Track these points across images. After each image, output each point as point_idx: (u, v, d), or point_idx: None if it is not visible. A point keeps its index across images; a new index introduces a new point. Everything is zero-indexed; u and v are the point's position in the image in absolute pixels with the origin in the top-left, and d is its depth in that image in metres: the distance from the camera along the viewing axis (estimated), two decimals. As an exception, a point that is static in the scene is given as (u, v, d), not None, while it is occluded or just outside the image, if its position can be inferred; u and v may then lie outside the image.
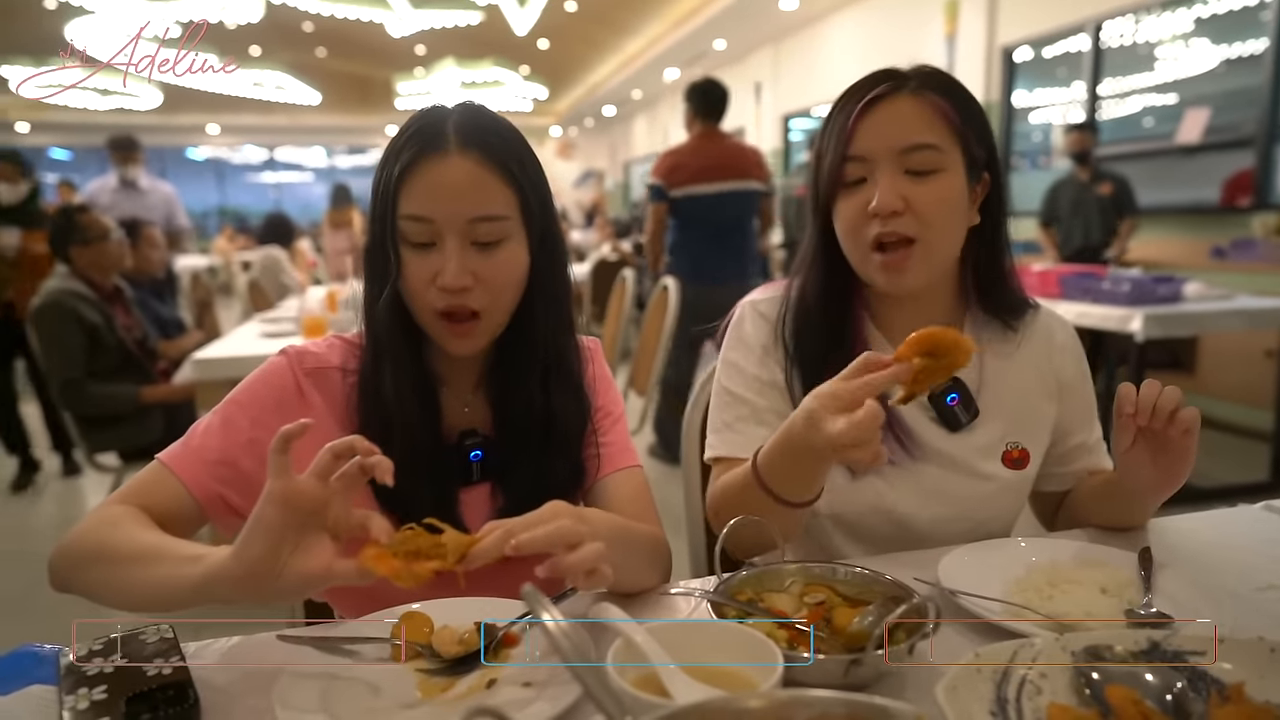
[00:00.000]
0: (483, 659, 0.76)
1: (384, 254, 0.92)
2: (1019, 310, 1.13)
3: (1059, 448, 1.15)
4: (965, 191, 1.02)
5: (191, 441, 0.93)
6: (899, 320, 1.11)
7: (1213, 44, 5.11)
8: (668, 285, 3.07)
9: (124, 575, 0.78)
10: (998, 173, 1.07)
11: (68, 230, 3.06)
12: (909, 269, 1.02)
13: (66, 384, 2.81)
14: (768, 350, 1.13)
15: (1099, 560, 0.91)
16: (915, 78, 1.03)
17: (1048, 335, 1.15)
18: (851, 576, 0.83)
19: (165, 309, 3.64)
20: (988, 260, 1.10)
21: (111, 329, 2.97)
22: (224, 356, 2.80)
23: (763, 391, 1.11)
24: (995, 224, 1.09)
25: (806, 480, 0.91)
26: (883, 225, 1.00)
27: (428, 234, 0.90)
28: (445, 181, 0.89)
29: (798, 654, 0.69)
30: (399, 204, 0.90)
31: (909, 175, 1.00)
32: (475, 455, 1.00)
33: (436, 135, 0.90)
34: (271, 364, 0.99)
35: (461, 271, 0.89)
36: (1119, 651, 0.66)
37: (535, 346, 0.99)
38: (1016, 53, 6.42)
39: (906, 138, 0.99)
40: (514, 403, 1.00)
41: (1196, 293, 3.49)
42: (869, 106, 1.01)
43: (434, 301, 0.91)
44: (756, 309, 1.15)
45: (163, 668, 0.73)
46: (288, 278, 5.39)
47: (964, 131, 1.02)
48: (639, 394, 3.20)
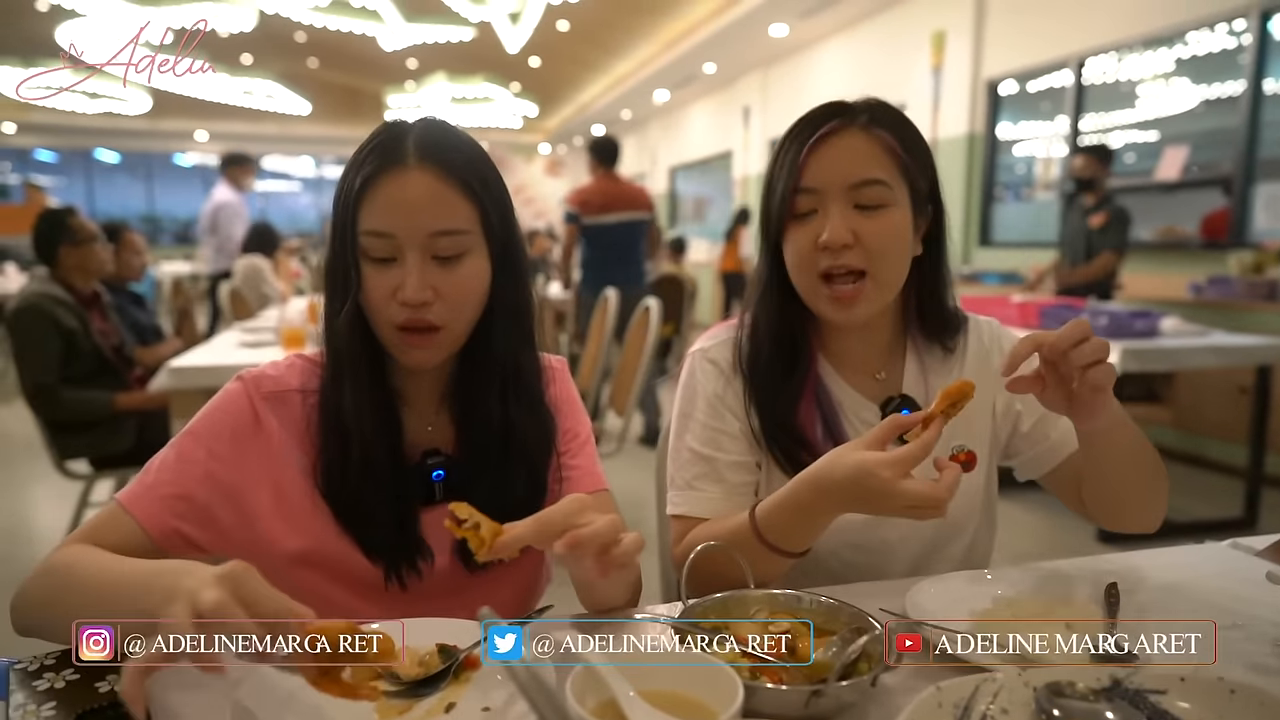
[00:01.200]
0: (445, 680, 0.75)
1: (344, 269, 0.92)
2: (955, 330, 1.17)
3: (1023, 426, 1.17)
4: (911, 224, 1.06)
5: (147, 479, 0.92)
6: (847, 348, 1.15)
7: (1193, 84, 5.22)
8: (649, 306, 3.08)
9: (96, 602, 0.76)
10: (939, 204, 1.11)
11: (57, 231, 3.01)
12: (859, 302, 1.04)
13: (39, 388, 2.77)
14: (719, 397, 1.13)
15: (1065, 595, 0.92)
16: (866, 112, 1.06)
17: (977, 339, 1.19)
18: (816, 606, 0.83)
19: (143, 315, 3.61)
20: (929, 289, 1.14)
21: (88, 334, 2.94)
22: (200, 365, 2.77)
23: (719, 444, 1.12)
24: (936, 254, 1.12)
25: (815, 532, 0.94)
26: (832, 258, 1.03)
27: (388, 249, 0.89)
28: (405, 196, 0.89)
29: (760, 684, 0.68)
30: (359, 219, 0.90)
31: (858, 209, 1.03)
32: (437, 475, 0.98)
33: (396, 150, 0.90)
34: (227, 392, 0.98)
35: (422, 286, 0.89)
36: (1080, 688, 0.66)
37: (494, 362, 0.99)
38: (1001, 86, 6.53)
39: (857, 173, 1.02)
40: (474, 419, 0.99)
41: (1173, 328, 3.53)
42: (821, 140, 1.04)
43: (394, 316, 0.90)
44: (705, 356, 1.16)
45: (115, 684, 0.72)
46: (269, 287, 5.36)
47: (909, 166, 1.05)
48: (618, 414, 3.19)
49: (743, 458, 1.11)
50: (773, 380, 1.11)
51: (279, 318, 3.52)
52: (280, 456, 0.95)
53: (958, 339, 1.17)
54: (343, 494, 0.94)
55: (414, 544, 0.96)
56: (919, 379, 1.15)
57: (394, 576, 0.96)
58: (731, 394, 1.13)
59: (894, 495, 0.83)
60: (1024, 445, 1.17)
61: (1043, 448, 1.16)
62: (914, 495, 0.83)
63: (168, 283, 4.81)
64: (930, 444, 0.85)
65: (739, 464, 1.11)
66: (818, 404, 1.11)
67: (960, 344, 1.18)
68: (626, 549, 0.75)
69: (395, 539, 0.95)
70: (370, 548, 0.95)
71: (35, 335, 2.80)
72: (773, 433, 1.10)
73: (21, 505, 3.93)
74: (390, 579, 0.95)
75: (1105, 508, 1.12)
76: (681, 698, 0.64)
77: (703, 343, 1.18)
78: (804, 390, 1.10)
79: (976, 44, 6.52)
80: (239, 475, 0.94)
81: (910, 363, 1.16)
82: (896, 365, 1.16)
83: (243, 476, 0.94)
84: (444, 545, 0.98)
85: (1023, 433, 1.17)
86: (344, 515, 0.95)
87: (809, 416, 1.10)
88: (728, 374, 1.14)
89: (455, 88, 10.89)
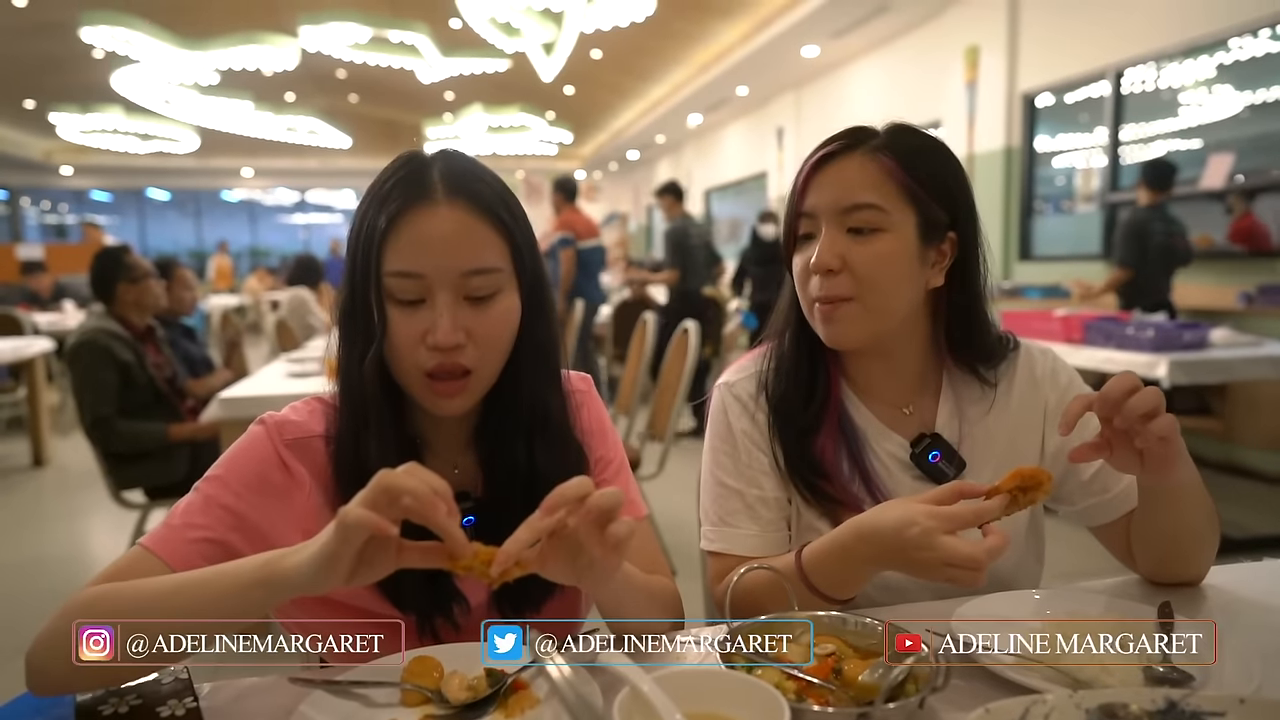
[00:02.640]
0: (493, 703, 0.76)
1: (364, 313, 0.87)
2: (995, 359, 1.12)
3: (1077, 479, 1.10)
4: (914, 252, 1.02)
5: (173, 522, 0.87)
6: (871, 378, 1.12)
7: (1236, 90, 5.11)
8: (688, 328, 3.09)
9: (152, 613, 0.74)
10: (971, 233, 1.07)
11: (115, 269, 3.13)
12: (843, 321, 1.03)
13: (97, 421, 2.86)
14: (747, 434, 1.12)
15: (1117, 614, 0.90)
16: (879, 136, 1.04)
17: (1028, 370, 1.14)
18: (862, 628, 0.82)
19: (195, 348, 3.71)
20: (960, 320, 1.09)
21: (143, 367, 3.03)
22: (250, 395, 2.84)
23: (751, 480, 1.10)
24: (968, 284, 1.08)
25: (858, 581, 0.92)
26: (821, 283, 1.02)
27: (417, 290, 0.85)
28: (435, 234, 0.84)
29: (806, 706, 0.68)
30: (384, 260, 0.85)
31: (850, 234, 1.01)
32: (468, 521, 0.93)
33: (422, 184, 0.86)
34: (251, 436, 0.93)
35: (454, 328, 0.84)
36: (1134, 710, 0.65)
37: (522, 404, 0.94)
38: (1038, 99, 6.45)
39: (849, 197, 1.01)
40: (503, 462, 0.95)
41: (1224, 339, 3.44)
42: (820, 164, 1.04)
43: (423, 361, 0.86)
44: (731, 392, 1.15)
45: (175, 709, 0.74)
46: (314, 318, 5.47)
47: (916, 193, 1.02)
48: (657, 440, 3.19)
49: (774, 493, 1.10)
50: (792, 410, 1.09)
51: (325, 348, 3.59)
52: (308, 504, 0.91)
53: (997, 372, 1.12)
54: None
55: (447, 593, 0.91)
56: (953, 415, 1.11)
57: (428, 628, 0.90)
58: (757, 429, 1.12)
59: (932, 548, 0.81)
60: (1080, 495, 1.11)
61: (1102, 499, 1.09)
62: (951, 551, 0.80)
63: (217, 315, 4.93)
64: (985, 515, 0.82)
65: (771, 500, 1.09)
66: (841, 434, 1.09)
67: (1006, 375, 1.13)
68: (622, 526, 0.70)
69: (427, 590, 0.90)
70: (400, 600, 0.89)
71: (93, 369, 2.90)
72: (794, 463, 1.08)
73: (80, 534, 4.04)
74: (424, 631, 0.90)
75: (1158, 562, 1.04)
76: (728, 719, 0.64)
77: (729, 376, 1.17)
78: (824, 419, 1.08)
79: (1011, 58, 6.46)
80: (266, 521, 0.89)
81: (945, 398, 1.12)
82: (927, 399, 1.13)
83: (270, 522, 0.89)
84: (479, 590, 0.94)
85: (1081, 481, 1.10)
86: None
87: (831, 447, 1.08)
88: (752, 409, 1.12)
89: (491, 118, 11.09)
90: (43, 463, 5.35)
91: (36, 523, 4.25)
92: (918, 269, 1.04)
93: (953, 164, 1.07)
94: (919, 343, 1.11)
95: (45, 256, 9.97)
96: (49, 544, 3.88)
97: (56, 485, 4.99)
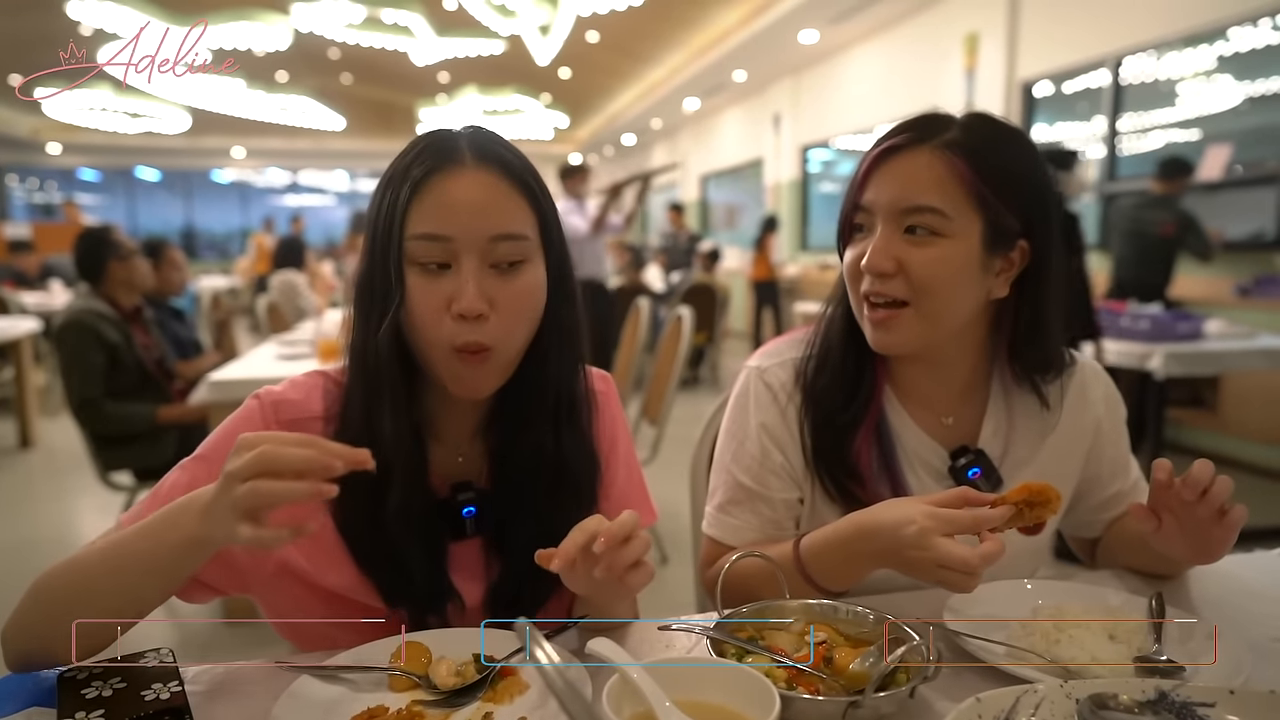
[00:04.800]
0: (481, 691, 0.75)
1: (384, 282, 0.83)
2: (1054, 374, 1.06)
3: (1096, 497, 1.12)
4: (976, 260, 0.95)
5: (157, 494, 0.86)
6: (914, 384, 1.07)
7: (1236, 80, 5.10)
8: (681, 315, 3.08)
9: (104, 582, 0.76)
10: (1045, 241, 0.98)
11: (102, 247, 3.09)
12: (896, 330, 0.97)
13: (85, 402, 2.84)
14: (766, 428, 1.07)
15: (1108, 605, 0.90)
16: (953, 129, 0.96)
17: (1082, 390, 1.10)
18: (854, 616, 0.82)
19: (183, 330, 3.69)
20: (1026, 334, 1.02)
21: (131, 348, 3.01)
22: (239, 378, 2.82)
23: (761, 478, 1.07)
24: (1039, 295, 1.00)
25: (853, 574, 0.92)
26: (873, 284, 0.97)
27: (442, 254, 0.81)
28: (463, 197, 0.82)
29: (796, 694, 0.68)
30: (408, 223, 0.81)
31: (907, 235, 0.95)
32: (468, 511, 0.91)
33: (450, 151, 0.84)
34: (246, 411, 0.90)
35: (479, 296, 0.80)
36: (1125, 701, 0.65)
37: (547, 389, 0.90)
38: (1036, 87, 6.44)
39: (909, 198, 0.94)
40: (520, 452, 0.91)
41: (1218, 330, 3.46)
42: (884, 156, 0.97)
43: (449, 335, 0.82)
44: (762, 377, 1.09)
45: (160, 693, 0.73)
46: (304, 301, 5.45)
47: (985, 197, 0.94)
48: (652, 424, 3.19)
49: (784, 494, 1.07)
50: (832, 403, 1.04)
51: (315, 330, 3.58)
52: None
53: (1056, 389, 1.07)
54: (364, 531, 0.86)
55: (442, 587, 0.88)
56: (1001, 431, 1.07)
57: (421, 625, 0.87)
58: (783, 424, 1.07)
59: (927, 548, 0.80)
60: (1088, 512, 1.14)
61: (1100, 519, 1.14)
62: (945, 554, 0.79)
63: (207, 297, 4.90)
64: (986, 522, 0.82)
65: (777, 501, 1.07)
66: (877, 437, 1.04)
67: (1060, 393, 1.08)
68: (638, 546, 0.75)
69: (421, 582, 0.87)
70: (393, 592, 0.87)
71: (80, 350, 2.87)
72: (825, 458, 1.04)
73: (68, 516, 4.02)
74: (416, 627, 0.86)
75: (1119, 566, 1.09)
76: (718, 707, 0.64)
77: (761, 360, 1.11)
78: (864, 419, 1.03)
79: (1010, 45, 6.44)
80: None
81: (993, 412, 1.07)
82: (972, 412, 1.07)
83: None
84: (475, 587, 0.91)
85: (1094, 503, 1.13)
86: (364, 555, 0.87)
87: (866, 448, 1.03)
88: (782, 401, 1.07)
89: (487, 100, 11.00)
90: (30, 444, 5.33)
91: (23, 504, 4.23)
92: (978, 278, 0.97)
93: (1032, 162, 0.98)
94: (972, 353, 1.05)
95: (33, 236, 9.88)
96: (36, 525, 3.86)
97: (44, 467, 4.96)
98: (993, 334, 1.04)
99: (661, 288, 7.69)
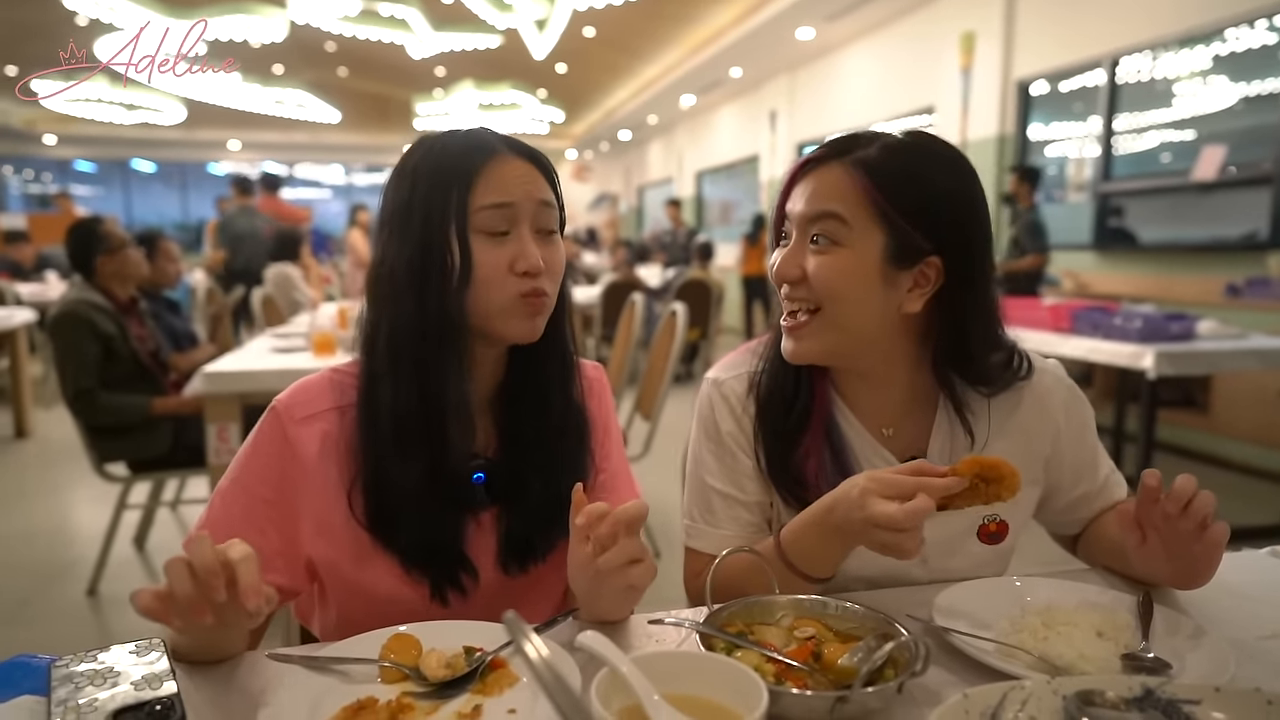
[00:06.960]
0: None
1: (441, 256, 0.92)
2: (1003, 385, 1.07)
3: (1062, 500, 1.13)
4: (876, 271, 0.97)
5: (213, 525, 0.94)
6: (854, 393, 1.08)
7: (1231, 81, 5.11)
8: (676, 310, 3.08)
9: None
10: (965, 264, 0.99)
11: (91, 240, 3.08)
12: (804, 338, 1.01)
13: (79, 393, 2.83)
14: (732, 435, 1.09)
15: (1096, 603, 0.90)
16: (870, 148, 0.98)
17: (1045, 397, 1.09)
18: (843, 611, 0.82)
19: (178, 321, 3.68)
20: (949, 350, 1.03)
21: (125, 339, 3.00)
22: (234, 370, 2.81)
23: (735, 482, 1.09)
24: (956, 314, 1.01)
25: (832, 556, 0.93)
26: (786, 290, 1.02)
27: (504, 221, 0.94)
28: (515, 173, 0.95)
29: (784, 688, 0.68)
30: (473, 198, 0.93)
31: (812, 244, 1.00)
32: (478, 477, 0.98)
33: (492, 143, 0.97)
34: (266, 424, 0.98)
35: (537, 254, 0.94)
36: (1111, 697, 0.65)
37: (561, 351, 1.04)
38: (1032, 86, 6.44)
39: (814, 206, 0.99)
40: (529, 420, 1.01)
41: (1210, 331, 3.46)
42: (804, 169, 1.03)
43: (515, 288, 0.94)
44: (720, 390, 1.11)
45: (151, 682, 0.73)
46: (299, 294, 5.43)
47: (888, 212, 0.96)
48: (645, 419, 3.19)
49: (757, 497, 1.08)
50: (776, 415, 1.07)
51: (310, 323, 3.57)
52: (317, 479, 0.95)
53: (1004, 391, 1.07)
54: (384, 507, 0.94)
55: (457, 558, 0.97)
56: (948, 442, 1.07)
57: (438, 595, 0.96)
58: (742, 432, 1.09)
59: (862, 508, 0.82)
60: (1058, 513, 1.15)
61: (1072, 519, 1.15)
62: (875, 512, 0.81)
63: (202, 289, 4.89)
64: (930, 487, 0.81)
65: (753, 503, 1.08)
66: (829, 444, 1.05)
67: (1009, 404, 1.07)
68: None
69: (439, 552, 0.96)
70: (413, 562, 0.95)
71: (75, 341, 2.86)
72: (775, 469, 1.06)
73: (63, 507, 4.01)
74: (434, 597, 0.95)
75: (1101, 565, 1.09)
76: (706, 702, 0.64)
77: (718, 372, 1.14)
78: (806, 428, 1.05)
79: (1006, 44, 6.45)
80: (288, 512, 0.96)
81: (941, 423, 1.07)
82: (916, 423, 1.08)
83: (290, 512, 0.96)
84: (487, 558, 0.99)
85: (1062, 504, 1.13)
86: (384, 530, 0.94)
87: (815, 456, 1.04)
88: (738, 411, 1.10)
89: (483, 94, 10.97)
90: (25, 435, 5.32)
91: (18, 495, 4.22)
92: (879, 289, 0.98)
93: (955, 185, 0.99)
94: (903, 366, 1.06)
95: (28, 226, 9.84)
96: (31, 516, 3.85)
97: (39, 457, 4.95)
98: (918, 348, 1.05)
99: (657, 283, 7.69)
